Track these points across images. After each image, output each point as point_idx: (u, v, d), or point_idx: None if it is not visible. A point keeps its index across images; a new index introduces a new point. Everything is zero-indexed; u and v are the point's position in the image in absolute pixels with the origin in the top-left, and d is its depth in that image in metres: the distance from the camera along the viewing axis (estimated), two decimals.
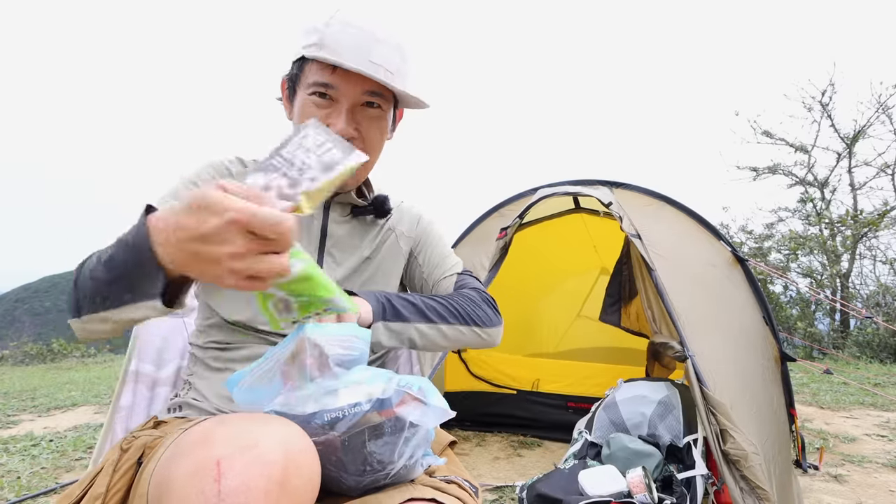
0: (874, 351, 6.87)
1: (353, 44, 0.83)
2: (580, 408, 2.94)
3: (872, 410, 3.78)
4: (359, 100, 0.88)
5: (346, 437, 0.61)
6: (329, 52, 0.83)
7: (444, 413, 0.65)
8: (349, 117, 0.88)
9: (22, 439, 3.06)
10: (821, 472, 2.47)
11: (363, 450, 0.62)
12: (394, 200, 1.08)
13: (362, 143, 0.90)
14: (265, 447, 0.51)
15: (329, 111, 0.87)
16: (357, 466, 0.63)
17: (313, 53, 0.84)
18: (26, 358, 8.76)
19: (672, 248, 2.26)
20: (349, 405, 0.62)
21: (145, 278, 0.60)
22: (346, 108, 0.87)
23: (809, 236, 8.28)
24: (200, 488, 0.49)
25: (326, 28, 0.84)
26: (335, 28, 0.84)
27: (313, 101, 0.87)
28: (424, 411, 0.65)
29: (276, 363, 0.65)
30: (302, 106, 0.89)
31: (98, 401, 4.33)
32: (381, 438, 0.63)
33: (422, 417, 0.64)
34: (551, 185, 2.72)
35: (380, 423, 0.62)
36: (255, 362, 0.67)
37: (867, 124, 8.30)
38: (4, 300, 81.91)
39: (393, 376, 0.67)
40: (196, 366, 0.94)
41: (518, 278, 3.29)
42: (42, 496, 2.21)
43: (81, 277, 0.70)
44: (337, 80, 0.85)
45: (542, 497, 1.80)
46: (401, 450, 0.64)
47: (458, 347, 0.97)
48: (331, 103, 0.87)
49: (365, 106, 0.89)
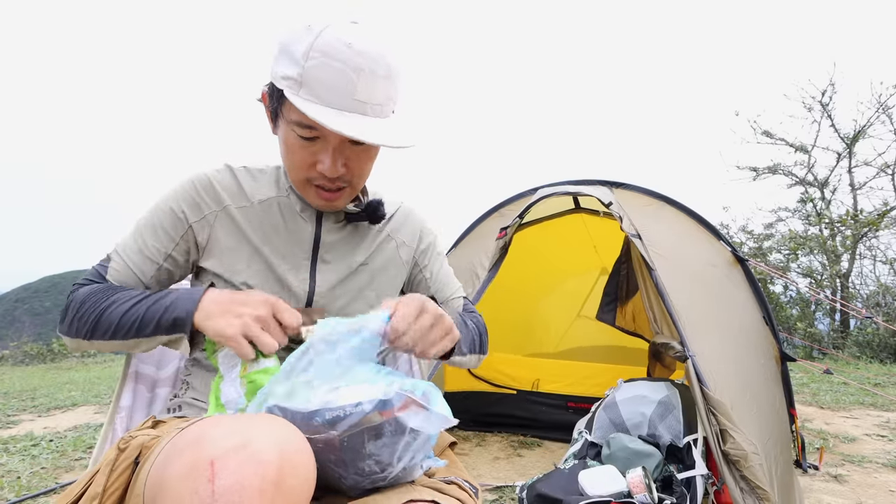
0: (874, 351, 6.87)
1: (336, 81, 0.77)
2: (580, 408, 2.94)
3: (872, 410, 3.78)
4: (345, 139, 0.84)
5: (345, 436, 0.61)
6: (308, 93, 0.78)
7: (446, 420, 0.65)
8: (336, 155, 0.85)
9: (22, 439, 3.06)
10: (821, 472, 2.47)
11: (362, 450, 0.62)
12: (392, 202, 1.06)
13: (351, 176, 0.89)
14: (259, 447, 0.51)
15: (315, 149, 0.85)
16: (356, 466, 0.63)
17: (292, 94, 0.79)
18: (26, 358, 8.76)
19: (672, 248, 2.26)
20: (351, 404, 0.61)
21: (175, 324, 0.80)
22: (333, 147, 0.85)
23: (809, 236, 8.28)
24: (195, 488, 0.49)
25: (306, 62, 0.78)
26: (315, 63, 0.77)
27: (298, 141, 0.85)
28: (426, 417, 0.64)
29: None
30: (286, 140, 0.86)
31: (98, 401, 4.32)
32: (381, 440, 0.63)
33: (423, 423, 0.64)
34: (551, 185, 2.72)
35: (380, 423, 0.62)
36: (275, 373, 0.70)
37: (867, 124, 8.30)
38: (4, 300, 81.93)
39: (397, 378, 0.67)
40: (194, 366, 0.94)
41: (518, 278, 3.29)
42: (42, 496, 2.21)
43: (103, 311, 0.83)
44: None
45: (542, 497, 1.80)
46: (400, 453, 0.64)
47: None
48: (315, 142, 0.85)
49: (352, 143, 0.85)
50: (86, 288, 0.87)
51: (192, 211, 0.91)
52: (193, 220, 0.91)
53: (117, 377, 1.12)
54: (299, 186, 0.92)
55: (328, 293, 0.93)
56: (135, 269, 0.89)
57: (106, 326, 0.82)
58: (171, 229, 0.90)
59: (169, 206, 0.91)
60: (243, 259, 0.91)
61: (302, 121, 0.81)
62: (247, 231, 0.92)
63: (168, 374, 1.13)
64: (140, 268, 0.89)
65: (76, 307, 0.84)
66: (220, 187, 0.93)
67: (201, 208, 0.91)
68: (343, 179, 0.88)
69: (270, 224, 0.93)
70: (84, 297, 0.85)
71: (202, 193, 0.92)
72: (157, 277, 0.91)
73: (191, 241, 0.91)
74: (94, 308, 0.83)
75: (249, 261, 0.91)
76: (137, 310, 0.82)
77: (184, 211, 0.91)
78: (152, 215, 0.91)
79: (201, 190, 0.92)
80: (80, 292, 0.86)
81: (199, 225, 0.91)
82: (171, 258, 0.91)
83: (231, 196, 0.93)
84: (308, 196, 0.92)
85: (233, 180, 0.95)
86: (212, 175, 0.94)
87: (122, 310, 0.82)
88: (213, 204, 0.92)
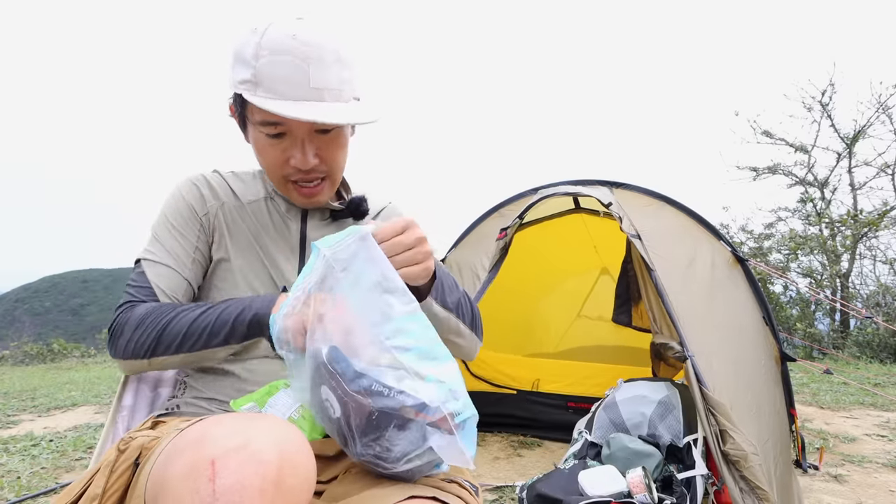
0: (874, 351, 6.86)
1: (289, 74, 0.79)
2: (580, 408, 2.94)
3: (872, 410, 3.78)
4: (311, 128, 0.86)
5: (377, 411, 0.61)
6: (265, 91, 0.80)
7: (462, 456, 0.63)
8: (306, 147, 0.87)
9: (22, 439, 3.06)
10: (821, 472, 2.47)
11: (385, 432, 0.62)
12: (381, 201, 1.08)
13: (326, 167, 0.90)
14: (260, 446, 0.52)
15: (285, 145, 0.87)
16: (369, 441, 0.63)
17: (250, 95, 0.81)
18: (26, 358, 8.76)
19: (672, 249, 2.26)
20: (396, 389, 0.61)
21: (252, 324, 0.81)
22: (301, 139, 0.86)
23: (809, 236, 8.27)
24: (195, 488, 0.49)
25: (257, 62, 0.80)
26: (266, 61, 0.80)
27: (267, 140, 0.87)
28: (449, 442, 0.63)
29: (305, 293, 0.67)
30: (256, 142, 0.89)
31: (98, 401, 4.32)
32: (403, 432, 0.62)
33: (441, 446, 0.62)
34: (551, 185, 2.72)
35: (410, 419, 0.62)
36: (290, 295, 0.70)
37: (867, 124, 8.29)
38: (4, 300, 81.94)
39: (451, 394, 0.65)
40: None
41: (518, 278, 3.29)
42: (42, 496, 2.21)
43: (167, 324, 0.82)
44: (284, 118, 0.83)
45: (542, 497, 1.80)
46: (410, 455, 0.64)
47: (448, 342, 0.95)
48: (284, 138, 0.86)
49: (320, 133, 0.87)
50: (141, 307, 0.85)
51: (198, 205, 0.95)
52: (202, 214, 0.95)
53: (118, 377, 1.12)
54: (279, 186, 0.94)
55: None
56: (175, 266, 0.91)
57: (170, 340, 0.81)
58: (189, 223, 0.94)
59: (177, 205, 0.95)
60: (241, 253, 0.95)
61: (265, 119, 0.84)
62: (241, 228, 0.96)
63: (170, 375, 1.13)
64: (177, 264, 0.91)
65: (133, 326, 0.83)
66: (216, 185, 0.98)
67: (205, 202, 0.96)
68: (318, 171, 0.90)
69: (260, 224, 0.97)
70: (142, 314, 0.84)
71: (203, 189, 0.96)
72: (194, 272, 0.93)
73: (206, 231, 0.95)
74: (156, 323, 0.82)
75: (246, 255, 0.95)
76: (207, 317, 0.82)
77: (192, 205, 0.95)
78: (166, 218, 0.94)
79: (201, 187, 0.97)
80: (135, 311, 0.85)
81: (206, 218, 0.95)
82: (198, 250, 0.94)
83: (225, 195, 0.98)
84: (290, 195, 0.95)
85: (223, 182, 0.99)
86: (207, 175, 0.99)
87: (189, 318, 0.82)
88: (213, 199, 0.96)
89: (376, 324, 0.64)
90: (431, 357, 0.66)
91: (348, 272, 0.66)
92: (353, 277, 0.66)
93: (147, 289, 0.89)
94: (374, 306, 0.65)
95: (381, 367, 0.62)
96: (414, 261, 0.74)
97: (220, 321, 0.81)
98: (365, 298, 0.65)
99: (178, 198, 0.95)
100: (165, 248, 0.92)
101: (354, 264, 0.66)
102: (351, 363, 0.62)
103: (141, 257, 0.92)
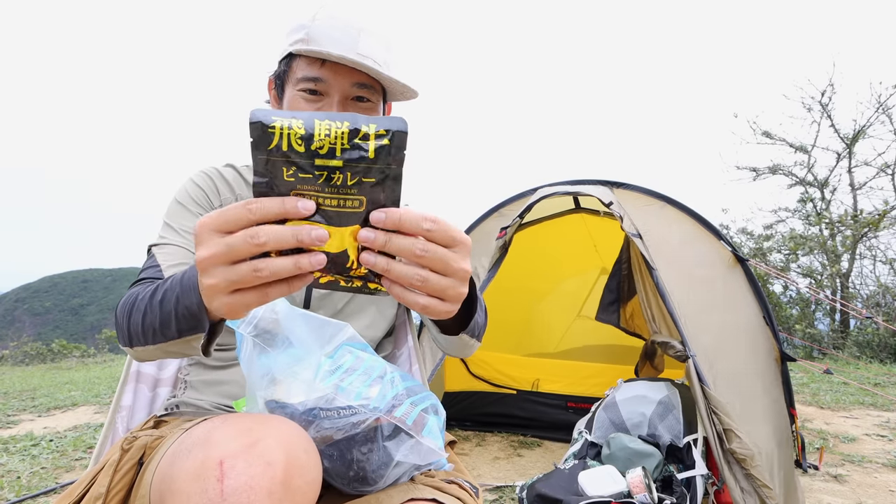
0: (874, 351, 6.86)
1: (340, 36, 0.84)
2: (580, 408, 2.94)
3: (872, 410, 3.78)
4: (349, 93, 0.87)
5: (338, 436, 0.61)
6: (316, 46, 0.83)
7: (431, 453, 0.63)
8: (342, 109, 0.87)
9: (22, 439, 3.06)
10: (821, 472, 2.47)
11: (348, 455, 0.62)
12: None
13: None
14: (267, 447, 0.51)
15: (320, 105, 0.87)
16: (343, 470, 0.63)
17: (300, 48, 0.84)
18: (26, 358, 8.76)
19: (672, 248, 2.26)
20: (344, 407, 0.61)
21: (192, 316, 0.62)
22: (336, 102, 0.87)
23: (809, 236, 8.27)
24: (203, 488, 0.49)
25: (312, 23, 0.85)
26: (321, 23, 0.84)
27: (303, 96, 0.87)
28: (414, 446, 0.63)
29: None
30: (291, 102, 0.89)
31: (98, 401, 4.32)
32: (369, 454, 0.62)
33: (408, 454, 0.63)
34: (551, 185, 2.72)
35: (367, 432, 0.62)
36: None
37: (867, 124, 8.29)
38: (4, 300, 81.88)
39: (395, 400, 0.65)
40: (193, 365, 0.94)
41: (518, 278, 3.29)
42: (42, 496, 2.21)
43: (132, 313, 0.72)
44: (326, 73, 0.85)
45: (542, 497, 1.80)
46: (385, 473, 0.63)
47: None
48: (321, 98, 0.87)
49: (355, 101, 0.89)
50: (127, 293, 0.79)
51: (212, 194, 0.94)
52: (217, 204, 0.94)
53: (118, 377, 1.12)
54: None
55: (326, 293, 0.94)
56: (183, 244, 0.88)
57: (137, 332, 0.72)
58: (202, 206, 0.93)
59: (191, 190, 0.93)
60: None
61: (307, 74, 0.85)
62: None
63: (170, 374, 1.13)
64: (186, 242, 0.88)
65: (118, 314, 0.77)
66: (231, 179, 0.97)
67: (219, 193, 0.95)
68: None
69: None
70: (122, 302, 0.77)
71: (215, 181, 0.96)
72: None
73: None
74: (124, 313, 0.74)
75: None
76: (153, 309, 0.69)
77: (206, 193, 0.94)
78: (177, 203, 0.92)
79: (216, 179, 0.96)
80: (121, 299, 0.79)
81: (221, 206, 0.93)
82: None
83: (240, 188, 0.97)
84: None
85: (238, 176, 0.98)
86: (220, 169, 0.98)
87: (143, 308, 0.71)
88: (228, 192, 0.96)
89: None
90: (368, 373, 0.66)
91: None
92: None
93: (155, 268, 0.83)
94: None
95: (315, 396, 0.62)
96: (447, 271, 0.51)
97: (164, 313, 0.67)
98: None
99: (192, 185, 0.94)
100: (174, 228, 0.89)
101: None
102: (291, 404, 0.62)
103: (151, 244, 0.89)
